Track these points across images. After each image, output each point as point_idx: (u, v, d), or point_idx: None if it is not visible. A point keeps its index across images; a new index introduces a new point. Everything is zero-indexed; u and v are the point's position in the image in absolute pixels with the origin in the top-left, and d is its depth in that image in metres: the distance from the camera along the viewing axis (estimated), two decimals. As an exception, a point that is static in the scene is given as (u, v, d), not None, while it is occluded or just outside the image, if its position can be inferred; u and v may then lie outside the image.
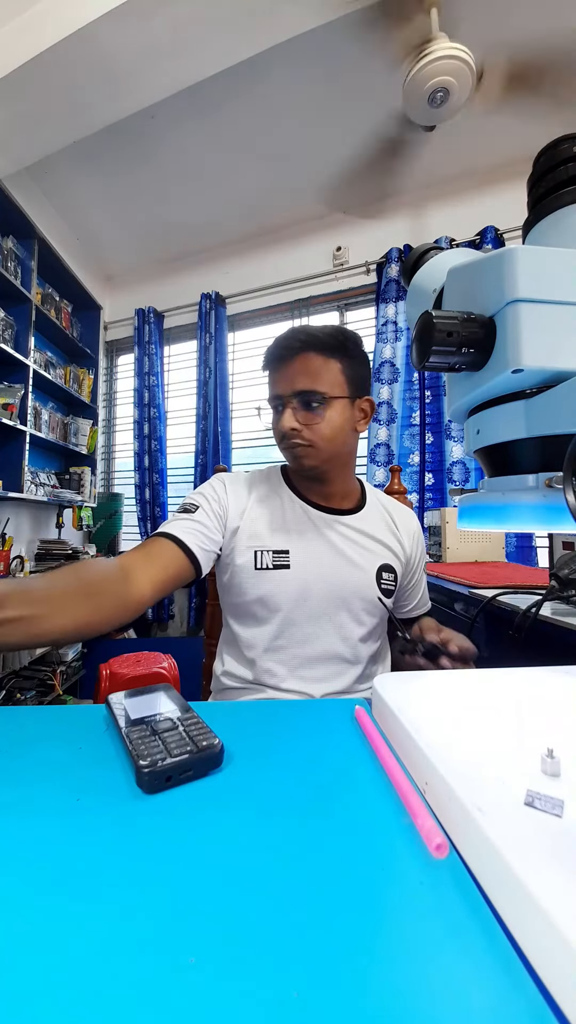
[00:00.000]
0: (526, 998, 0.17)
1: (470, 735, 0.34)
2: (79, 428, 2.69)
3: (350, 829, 0.27)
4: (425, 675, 0.47)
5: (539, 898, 0.19)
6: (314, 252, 2.58)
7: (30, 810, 0.29)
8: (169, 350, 2.95)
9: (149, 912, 0.21)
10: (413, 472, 2.23)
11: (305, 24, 1.49)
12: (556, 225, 0.35)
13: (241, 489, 0.76)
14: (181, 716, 0.38)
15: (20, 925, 0.21)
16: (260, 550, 0.71)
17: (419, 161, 2.13)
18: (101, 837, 0.26)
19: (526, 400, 0.34)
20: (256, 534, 0.72)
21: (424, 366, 0.35)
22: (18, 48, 1.57)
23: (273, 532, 0.72)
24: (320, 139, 2.05)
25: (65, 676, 2.02)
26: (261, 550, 0.71)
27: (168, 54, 1.56)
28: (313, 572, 0.71)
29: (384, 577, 0.74)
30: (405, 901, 0.22)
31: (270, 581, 0.70)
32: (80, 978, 0.18)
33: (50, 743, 0.38)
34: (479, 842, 0.23)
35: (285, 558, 0.71)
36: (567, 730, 0.34)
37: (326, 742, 0.38)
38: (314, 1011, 0.17)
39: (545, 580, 0.94)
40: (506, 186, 2.18)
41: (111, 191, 2.38)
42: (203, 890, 0.22)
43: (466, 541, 1.63)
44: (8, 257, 2.04)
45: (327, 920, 0.21)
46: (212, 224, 2.61)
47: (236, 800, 0.30)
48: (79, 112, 1.77)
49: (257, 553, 0.71)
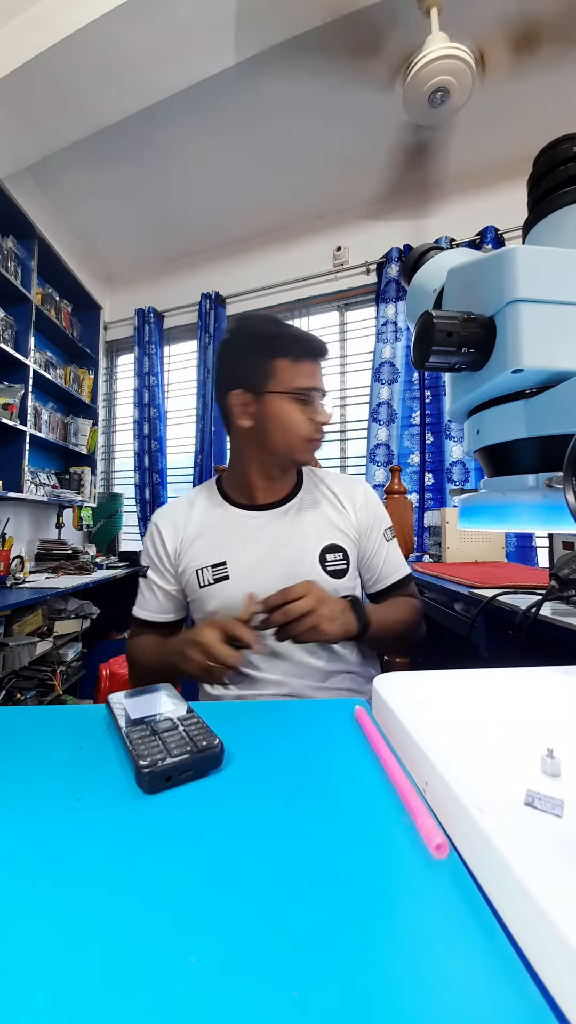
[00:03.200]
0: (526, 998, 0.17)
1: (470, 735, 0.34)
2: (79, 428, 2.69)
3: (350, 829, 0.27)
4: (425, 675, 0.47)
5: (539, 898, 0.19)
6: (314, 252, 2.58)
7: (30, 810, 0.29)
8: (169, 350, 2.95)
9: (149, 912, 0.21)
10: (413, 472, 2.23)
11: (305, 24, 1.49)
12: (556, 225, 0.35)
13: (177, 523, 0.79)
14: (181, 716, 0.38)
15: (20, 925, 0.21)
16: (200, 568, 0.74)
17: (419, 161, 2.13)
18: (101, 837, 0.26)
19: (526, 400, 0.34)
20: (195, 555, 0.75)
21: (424, 366, 0.35)
22: (18, 48, 1.57)
23: (209, 549, 0.75)
24: (320, 139, 2.05)
25: (65, 676, 2.02)
26: (201, 568, 0.74)
27: (168, 54, 1.56)
28: (252, 576, 0.72)
29: (328, 559, 0.74)
30: (405, 901, 0.22)
31: (214, 596, 0.72)
32: (80, 978, 0.18)
33: (50, 743, 0.38)
34: (479, 842, 0.23)
35: (223, 570, 0.73)
36: (567, 730, 0.34)
37: (326, 742, 0.38)
38: (314, 1011, 0.17)
39: (545, 580, 0.94)
40: (506, 186, 2.18)
41: (111, 191, 2.39)
42: (203, 890, 0.22)
43: (466, 541, 1.63)
44: (8, 257, 2.04)
45: (327, 920, 0.21)
46: (212, 224, 2.61)
47: (236, 800, 0.30)
48: (79, 112, 1.77)
49: (198, 572, 0.74)
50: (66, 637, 2.04)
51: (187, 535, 0.77)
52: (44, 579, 2.06)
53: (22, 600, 1.64)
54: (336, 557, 0.75)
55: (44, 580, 2.03)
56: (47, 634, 1.92)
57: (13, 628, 1.72)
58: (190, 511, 0.80)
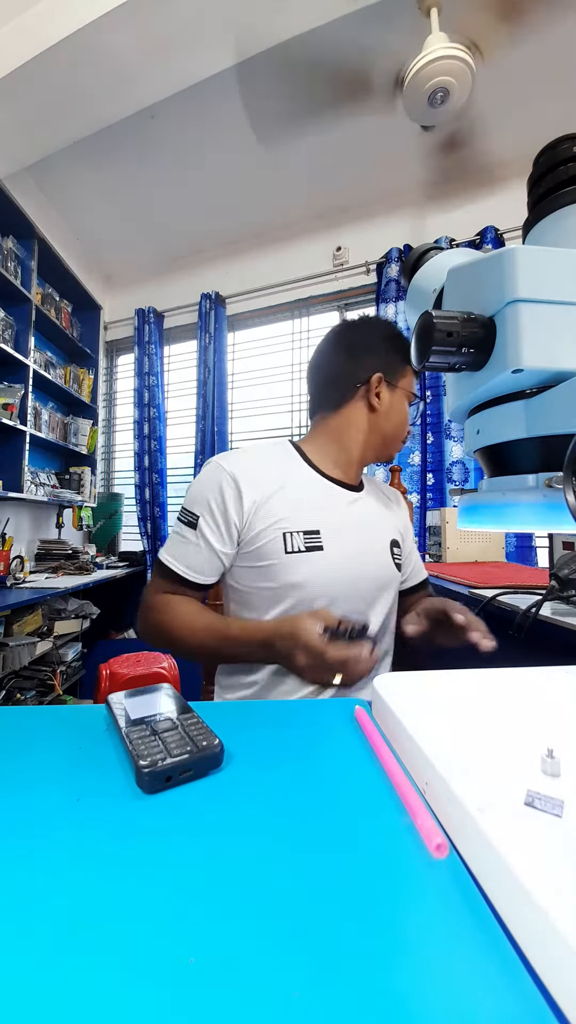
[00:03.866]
0: (526, 998, 0.17)
1: (470, 735, 0.34)
2: (79, 428, 2.69)
3: (350, 829, 0.27)
4: (425, 675, 0.47)
5: (539, 898, 0.19)
6: (314, 252, 2.58)
7: (30, 810, 0.29)
8: (169, 350, 2.95)
9: (149, 912, 0.21)
10: (413, 472, 2.23)
11: (305, 24, 1.49)
12: (556, 225, 0.35)
13: (257, 477, 0.69)
14: (181, 716, 0.38)
15: (19, 925, 0.21)
16: (290, 532, 0.66)
17: (419, 161, 2.13)
18: (101, 837, 0.26)
19: (526, 400, 0.34)
20: (282, 516, 0.67)
21: (424, 366, 0.35)
22: (18, 48, 1.57)
23: (301, 512, 0.68)
24: (320, 139, 2.05)
25: (65, 676, 2.02)
26: (291, 531, 0.66)
27: (168, 54, 1.56)
28: (346, 552, 0.69)
29: (395, 552, 0.77)
30: (405, 901, 0.22)
31: (304, 565, 0.66)
32: (80, 978, 0.18)
33: (50, 743, 0.38)
34: (479, 842, 0.23)
35: (317, 539, 0.67)
36: (567, 730, 0.34)
37: (326, 742, 0.38)
38: (314, 1011, 0.17)
39: (545, 580, 0.94)
40: (506, 186, 2.18)
41: (111, 191, 2.38)
42: (203, 890, 0.22)
43: (466, 541, 1.63)
44: (8, 257, 2.04)
45: (327, 920, 0.21)
46: (212, 224, 2.61)
47: (236, 800, 0.30)
48: (79, 112, 1.77)
49: (287, 536, 0.66)
50: (66, 637, 2.04)
51: (270, 491, 0.68)
52: (44, 579, 2.06)
53: (22, 600, 1.64)
54: (398, 552, 0.78)
55: (44, 580, 2.04)
56: (47, 634, 1.92)
57: (13, 628, 1.72)
58: (271, 466, 0.71)
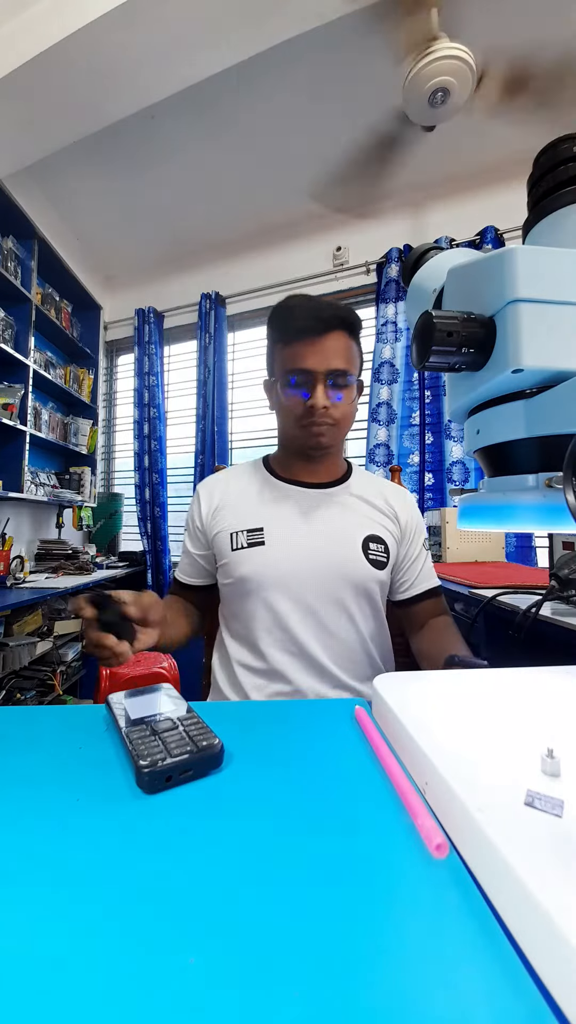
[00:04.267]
0: (526, 998, 0.17)
1: (470, 735, 0.34)
2: (79, 428, 2.69)
3: (350, 829, 0.27)
4: (425, 675, 0.47)
5: (539, 898, 0.19)
6: (314, 252, 2.57)
7: (30, 810, 0.29)
8: (169, 350, 2.95)
9: (149, 912, 0.21)
10: (413, 472, 2.23)
11: (305, 24, 1.48)
12: (556, 225, 0.35)
13: (215, 490, 0.80)
14: (181, 716, 0.38)
15: (20, 925, 0.21)
16: (235, 531, 0.73)
17: (419, 161, 2.13)
18: (101, 837, 0.26)
19: (526, 400, 0.34)
20: (231, 519, 0.75)
21: (424, 366, 0.35)
22: (18, 48, 1.57)
23: (247, 514, 0.74)
24: (320, 139, 2.05)
25: (65, 676, 2.02)
26: (236, 531, 0.73)
27: (168, 54, 1.56)
28: (289, 545, 0.71)
29: (371, 547, 0.73)
30: (405, 901, 0.22)
31: (247, 560, 0.71)
32: (80, 978, 0.18)
33: (50, 743, 0.38)
34: (479, 842, 0.23)
35: (259, 535, 0.72)
36: (567, 730, 0.34)
37: (326, 742, 0.38)
38: (314, 1011, 0.17)
39: (545, 580, 0.94)
40: (506, 186, 2.18)
41: (111, 191, 2.38)
42: (203, 890, 0.22)
43: (466, 541, 1.63)
44: (8, 257, 2.04)
45: (327, 920, 0.21)
46: (212, 224, 2.60)
47: (236, 800, 0.30)
48: (79, 112, 1.77)
49: (233, 535, 0.73)
50: (66, 637, 2.04)
51: (224, 500, 0.78)
52: (44, 579, 2.06)
53: (22, 600, 1.64)
54: (378, 548, 0.74)
55: (44, 580, 2.03)
56: (47, 634, 1.92)
57: (13, 628, 1.72)
58: (230, 479, 0.82)
